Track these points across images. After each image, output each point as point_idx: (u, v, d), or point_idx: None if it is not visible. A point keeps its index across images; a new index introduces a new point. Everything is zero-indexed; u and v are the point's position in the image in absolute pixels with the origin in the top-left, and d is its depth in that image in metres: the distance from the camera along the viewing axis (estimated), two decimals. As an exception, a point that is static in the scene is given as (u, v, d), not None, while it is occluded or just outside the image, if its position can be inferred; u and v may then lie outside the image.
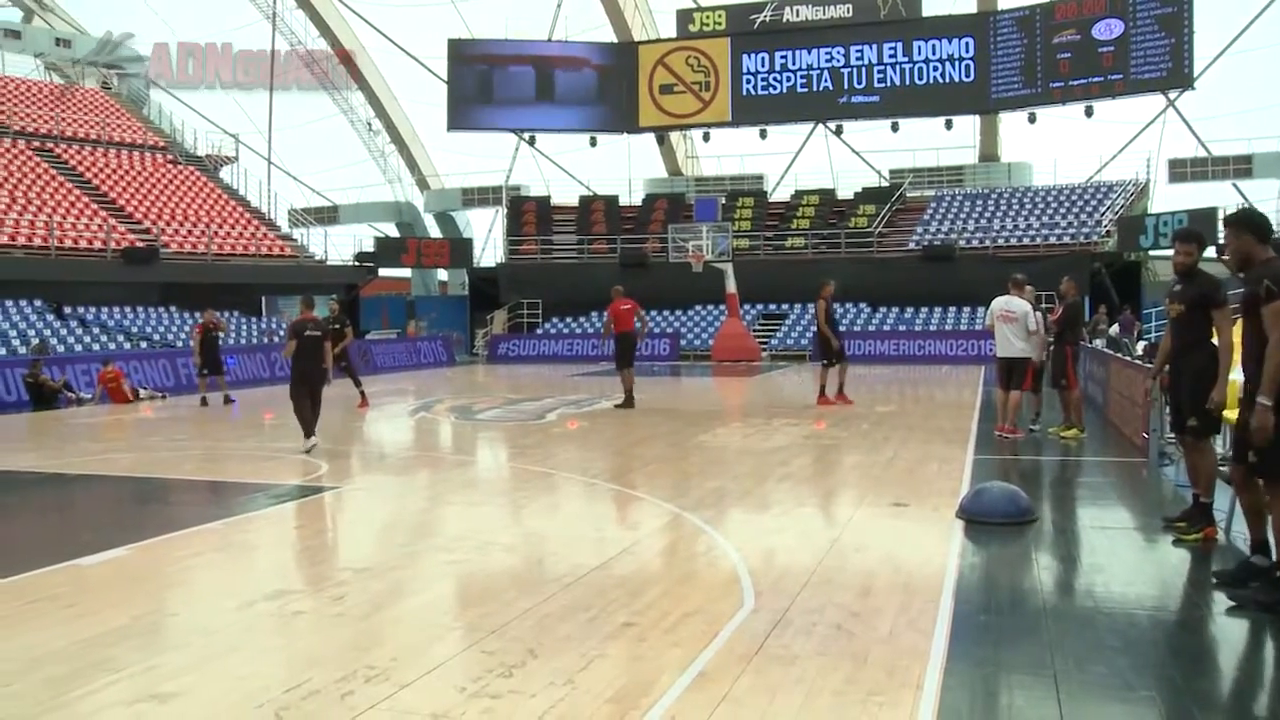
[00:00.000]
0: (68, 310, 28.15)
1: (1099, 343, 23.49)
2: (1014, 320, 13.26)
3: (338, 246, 40.26)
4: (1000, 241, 36.33)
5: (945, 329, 34.24)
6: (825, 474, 11.50)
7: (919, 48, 40.82)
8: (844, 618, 5.82)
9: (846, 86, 41.55)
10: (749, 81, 42.55)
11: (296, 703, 4.71)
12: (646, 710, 4.54)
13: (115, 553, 7.88)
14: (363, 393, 19.75)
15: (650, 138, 45.12)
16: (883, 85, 41.23)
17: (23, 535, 9.57)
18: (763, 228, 39.95)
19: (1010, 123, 42.52)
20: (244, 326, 31.41)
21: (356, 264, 38.78)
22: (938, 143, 41.95)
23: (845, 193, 41.64)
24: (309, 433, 13.52)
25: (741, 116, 42.68)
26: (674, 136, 46.16)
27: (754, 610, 5.99)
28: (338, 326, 19.89)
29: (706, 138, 44.18)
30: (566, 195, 44.55)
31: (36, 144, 35.67)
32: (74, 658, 5.46)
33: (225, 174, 40.86)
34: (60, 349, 24.85)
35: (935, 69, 40.78)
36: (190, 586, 7.15)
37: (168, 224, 33.62)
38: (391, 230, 48.40)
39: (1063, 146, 52.73)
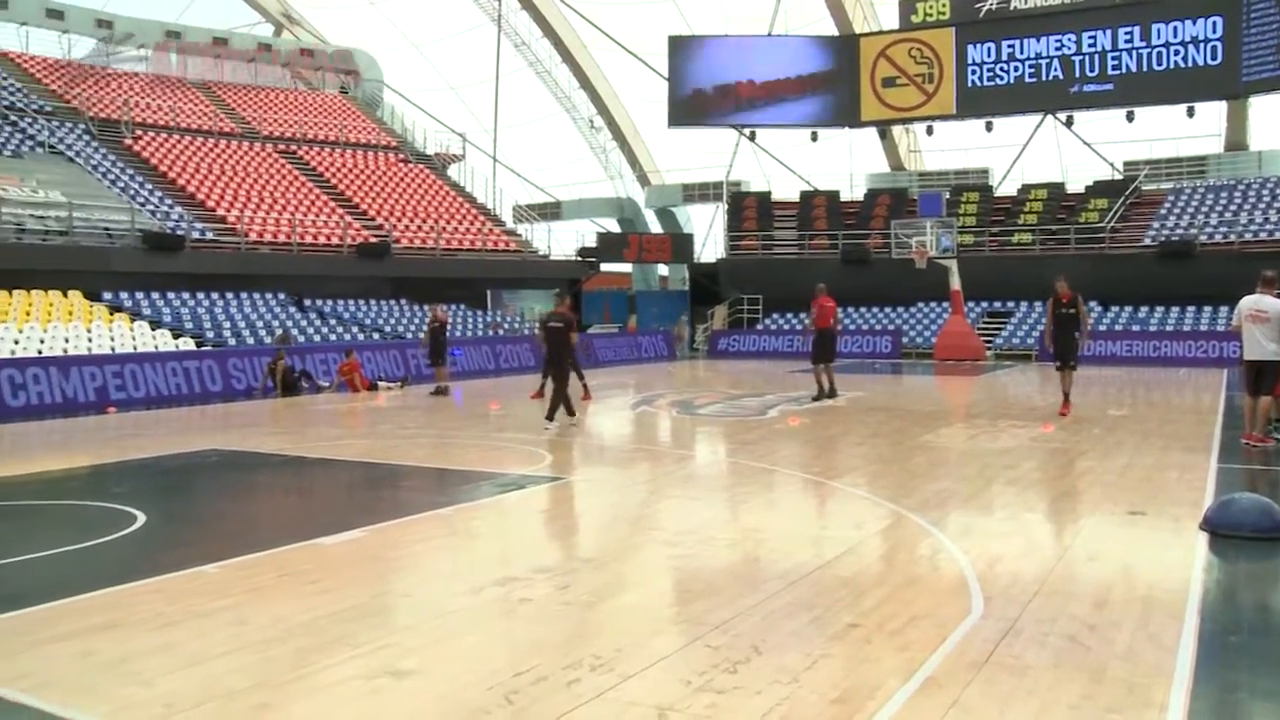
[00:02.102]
0: (308, 303, 29.68)
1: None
2: (1265, 320, 12.41)
3: (560, 242, 41.21)
4: (1248, 236, 34.22)
5: (1183, 329, 32.48)
6: (1055, 479, 11.08)
7: (1158, 31, 38.72)
8: (1078, 630, 5.60)
9: (1078, 75, 39.78)
10: (974, 72, 41.31)
11: (525, 687, 4.85)
12: (873, 714, 4.49)
13: (352, 534, 8.28)
14: (585, 385, 20.13)
15: (872, 132, 44.38)
16: (1117, 72, 39.30)
17: (271, 513, 10.21)
18: (988, 223, 38.79)
19: (1261, 108, 39.92)
20: (470, 320, 32.43)
21: (579, 259, 39.54)
22: (1177, 132, 39.71)
23: (1075, 186, 39.97)
24: (549, 415, 15.08)
25: (966, 109, 41.48)
26: (896, 130, 45.28)
27: (983, 617, 5.84)
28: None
29: (930, 131, 43.13)
30: (787, 191, 44.29)
31: (282, 147, 37.84)
32: (319, 631, 5.78)
33: (453, 172, 42.40)
34: (301, 340, 26.21)
35: (1176, 53, 38.61)
36: (422, 570, 7.45)
37: (399, 220, 35.08)
38: (613, 226, 49.15)
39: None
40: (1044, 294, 17.68)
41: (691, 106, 43.86)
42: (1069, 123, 40.57)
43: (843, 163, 44.75)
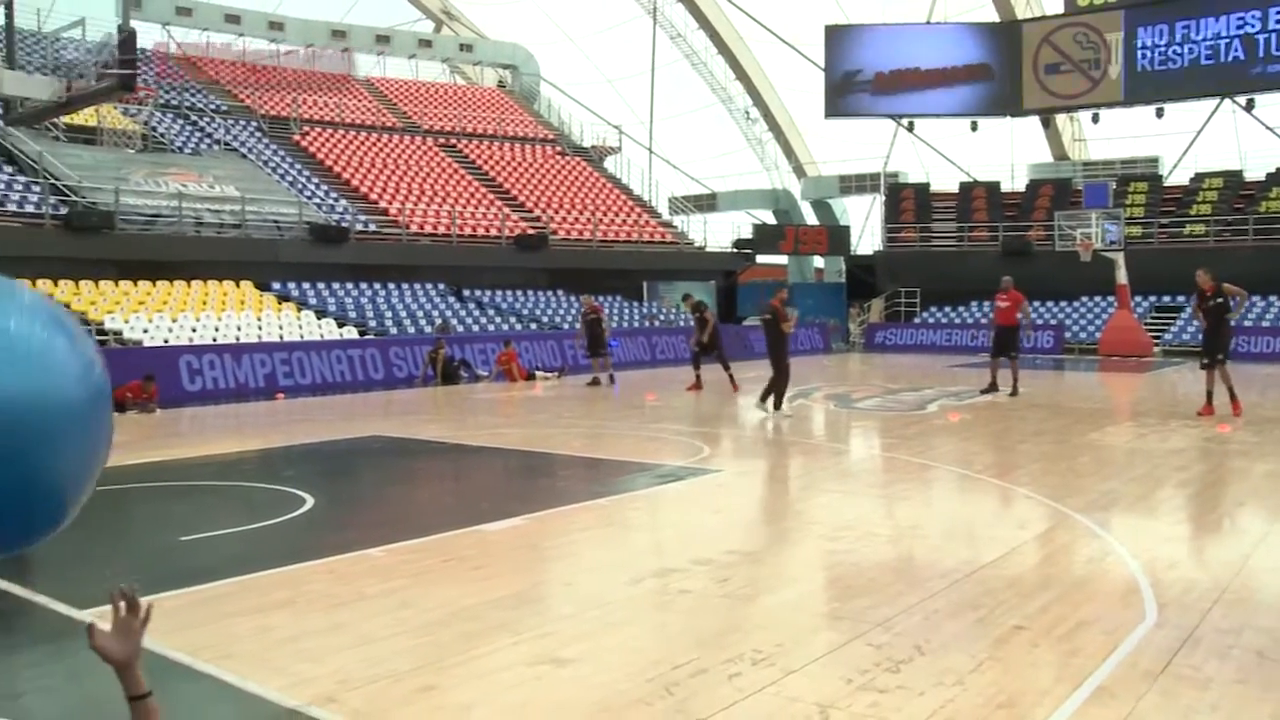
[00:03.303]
0: (466, 293, 30.27)
1: None
2: None
3: (716, 233, 41.13)
4: None
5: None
6: (1232, 482, 10.60)
7: (1353, 6, 36.48)
8: (1267, 644, 5.31)
9: (1261, 55, 37.76)
10: (1144, 56, 39.68)
11: (685, 679, 4.84)
12: (1042, 721, 4.36)
13: (513, 521, 8.41)
14: (731, 377, 20.15)
15: (1034, 121, 43.15)
16: (1307, 51, 37.17)
17: (433, 499, 10.47)
18: (1157, 214, 37.31)
19: None
20: (626, 311, 32.65)
21: (734, 251, 39.44)
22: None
23: (1255, 174, 38.06)
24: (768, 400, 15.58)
25: (1135, 95, 39.89)
26: (1060, 119, 43.87)
27: (1157, 625, 5.61)
28: (698, 315, 20.73)
29: (1096, 119, 41.62)
30: (946, 182, 43.37)
31: (442, 140, 38.68)
32: (482, 616, 5.88)
33: (609, 164, 42.72)
34: (460, 329, 26.75)
35: (1372, 29, 36.34)
36: (581, 559, 7.53)
37: (556, 212, 35.51)
38: (769, 218, 48.89)
39: None
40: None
41: (849, 97, 43.30)
42: (1249, 106, 38.66)
43: (1003, 153, 43.58)
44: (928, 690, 4.68)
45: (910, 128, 43.89)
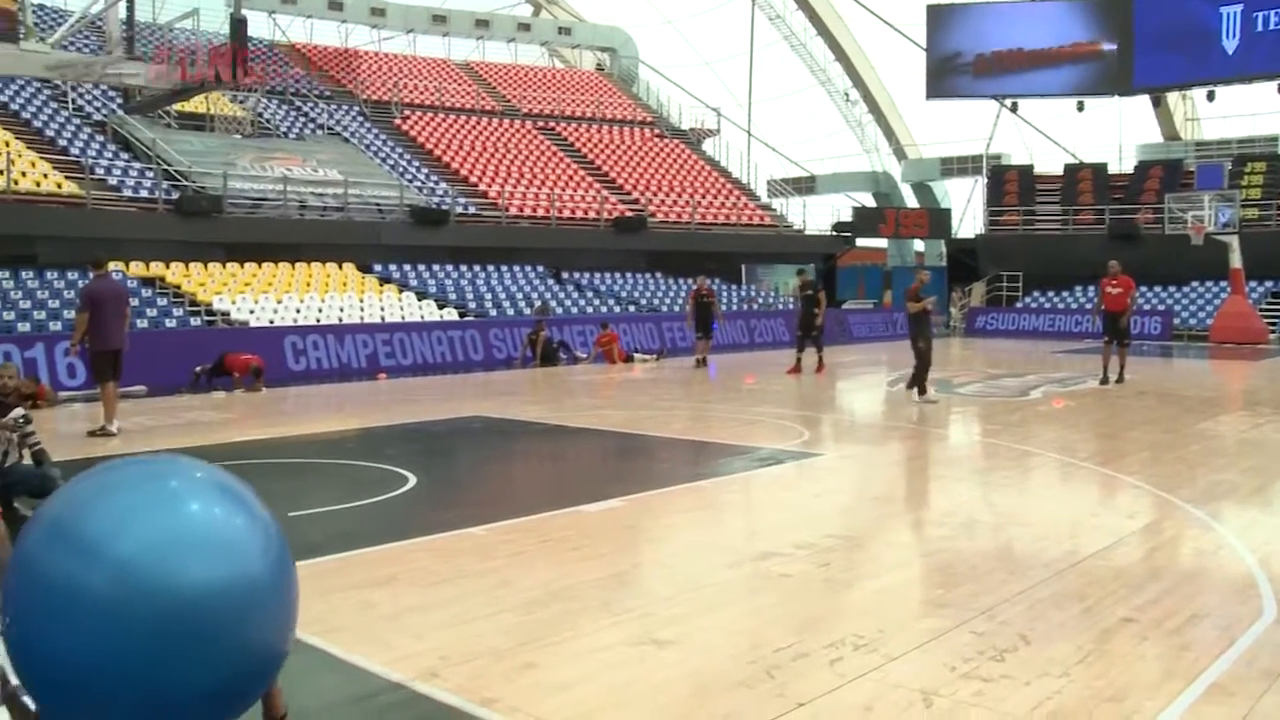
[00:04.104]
0: (565, 275, 30.43)
1: None
2: None
3: (815, 216, 40.83)
4: None
5: None
6: (1353, 473, 10.24)
7: None
8: (1396, 645, 5.12)
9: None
10: (1264, 28, 38.29)
11: (786, 663, 4.82)
12: (1153, 716, 4.24)
13: (611, 503, 8.44)
14: (821, 360, 20.14)
15: (1143, 100, 41.96)
16: None
17: (533, 479, 10.57)
18: (1275, 195, 36.10)
19: None
20: (725, 294, 32.55)
21: (834, 234, 39.09)
22: None
23: (1389, 152, 36.61)
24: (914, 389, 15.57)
25: (1253, 70, 38.48)
26: (1171, 97, 42.61)
27: (1276, 621, 5.43)
28: (809, 294, 20.67)
29: (1211, 96, 40.34)
30: (1050, 164, 42.47)
31: (541, 123, 38.90)
32: (581, 595, 5.92)
33: (708, 146, 42.60)
34: (559, 311, 26.91)
35: None
36: (680, 541, 7.53)
37: (654, 195, 35.52)
38: (868, 200, 48.36)
39: None
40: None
41: (951, 77, 42.58)
42: (1389, 78, 36.99)
43: (1111, 133, 42.50)
44: (1033, 680, 4.59)
45: (1014, 109, 43.01)
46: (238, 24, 16.32)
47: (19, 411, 7.80)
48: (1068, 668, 4.74)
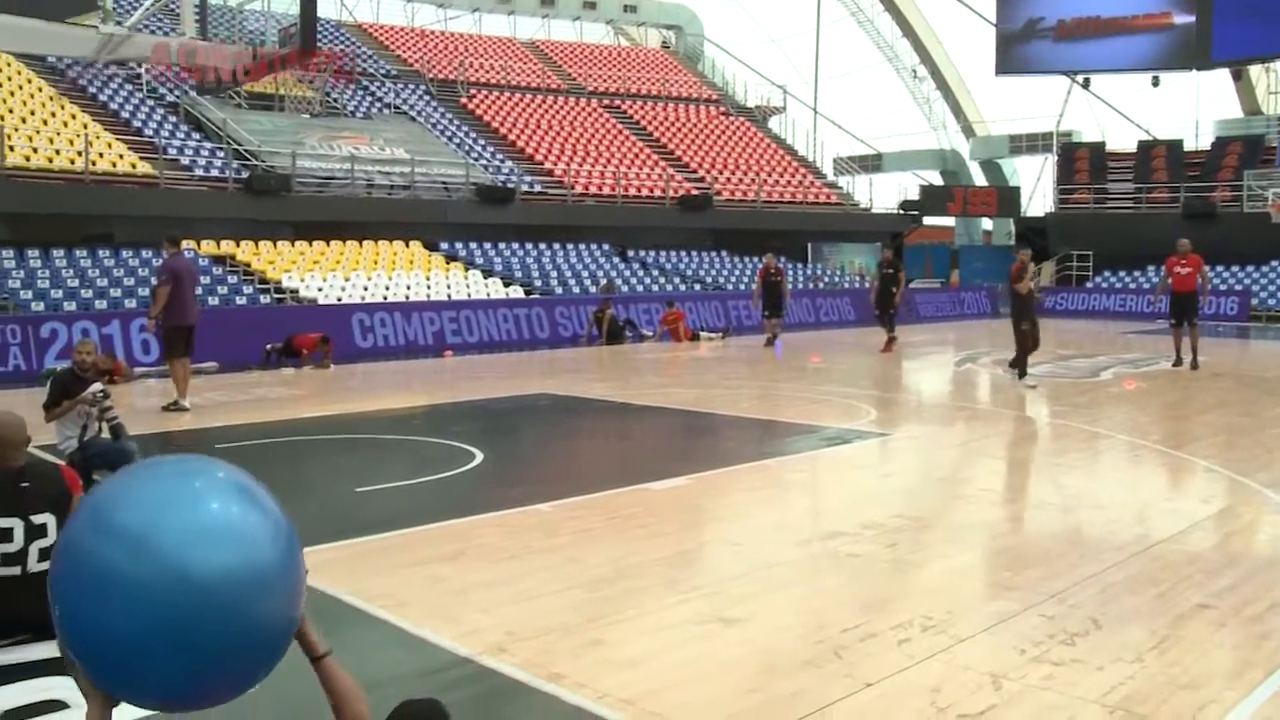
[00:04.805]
0: (631, 253, 30.42)
1: None
2: None
3: (882, 194, 40.47)
4: None
5: None
6: None
7: None
8: None
9: None
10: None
11: (854, 643, 4.80)
12: (1232, 706, 4.15)
13: (678, 481, 8.44)
14: (892, 338, 20.05)
15: (1222, 74, 40.93)
16: None
17: (599, 457, 10.60)
18: (1360, 172, 35.20)
19: None
20: (792, 272, 32.35)
21: (901, 212, 38.69)
22: None
23: None
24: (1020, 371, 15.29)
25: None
26: (1253, 71, 41.51)
27: (1358, 608, 5.32)
28: (890, 271, 20.57)
29: (1295, 70, 39.38)
30: (1123, 140, 41.65)
31: (606, 102, 38.83)
32: (648, 573, 5.93)
33: (773, 124, 42.31)
34: (624, 289, 26.91)
35: None
36: (748, 519, 7.50)
37: (720, 173, 35.35)
38: (936, 178, 47.81)
39: None
40: None
41: (1020, 53, 41.80)
42: None
43: (1187, 109, 41.52)
44: (1105, 665, 4.53)
45: (1086, 85, 42.15)
46: (307, 5, 16.44)
47: (97, 386, 7.97)
48: (1141, 653, 4.67)
